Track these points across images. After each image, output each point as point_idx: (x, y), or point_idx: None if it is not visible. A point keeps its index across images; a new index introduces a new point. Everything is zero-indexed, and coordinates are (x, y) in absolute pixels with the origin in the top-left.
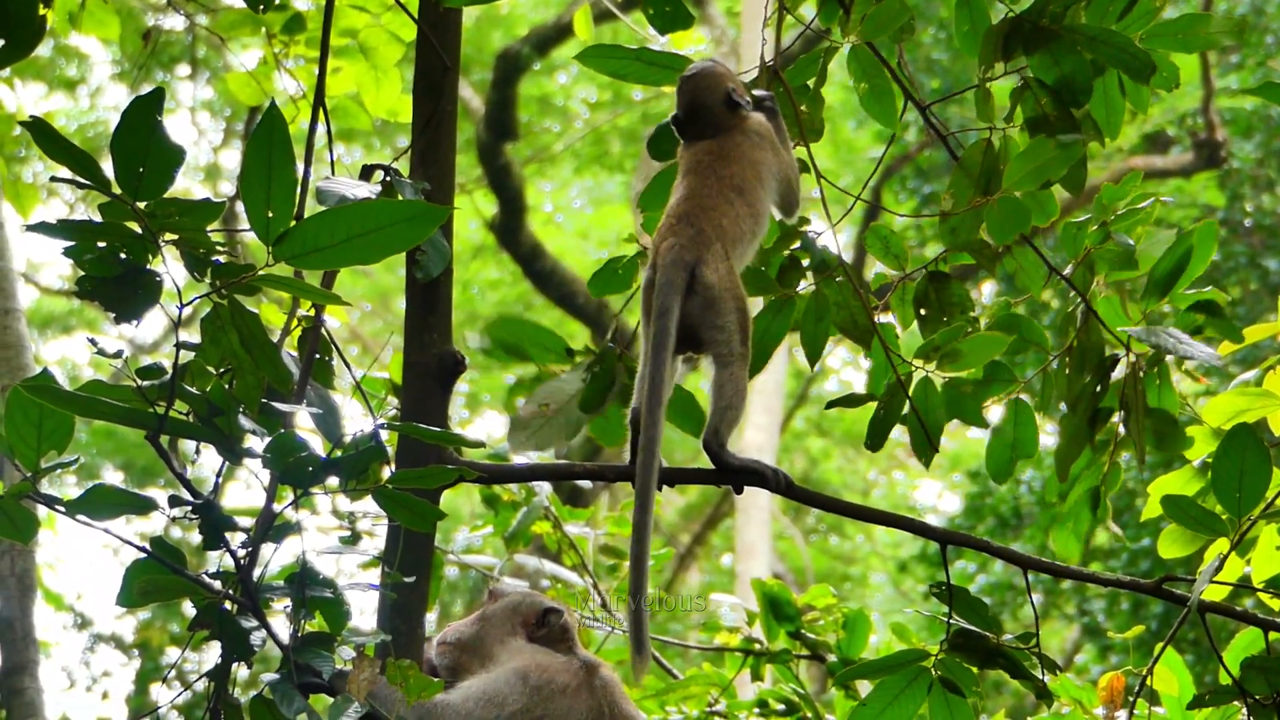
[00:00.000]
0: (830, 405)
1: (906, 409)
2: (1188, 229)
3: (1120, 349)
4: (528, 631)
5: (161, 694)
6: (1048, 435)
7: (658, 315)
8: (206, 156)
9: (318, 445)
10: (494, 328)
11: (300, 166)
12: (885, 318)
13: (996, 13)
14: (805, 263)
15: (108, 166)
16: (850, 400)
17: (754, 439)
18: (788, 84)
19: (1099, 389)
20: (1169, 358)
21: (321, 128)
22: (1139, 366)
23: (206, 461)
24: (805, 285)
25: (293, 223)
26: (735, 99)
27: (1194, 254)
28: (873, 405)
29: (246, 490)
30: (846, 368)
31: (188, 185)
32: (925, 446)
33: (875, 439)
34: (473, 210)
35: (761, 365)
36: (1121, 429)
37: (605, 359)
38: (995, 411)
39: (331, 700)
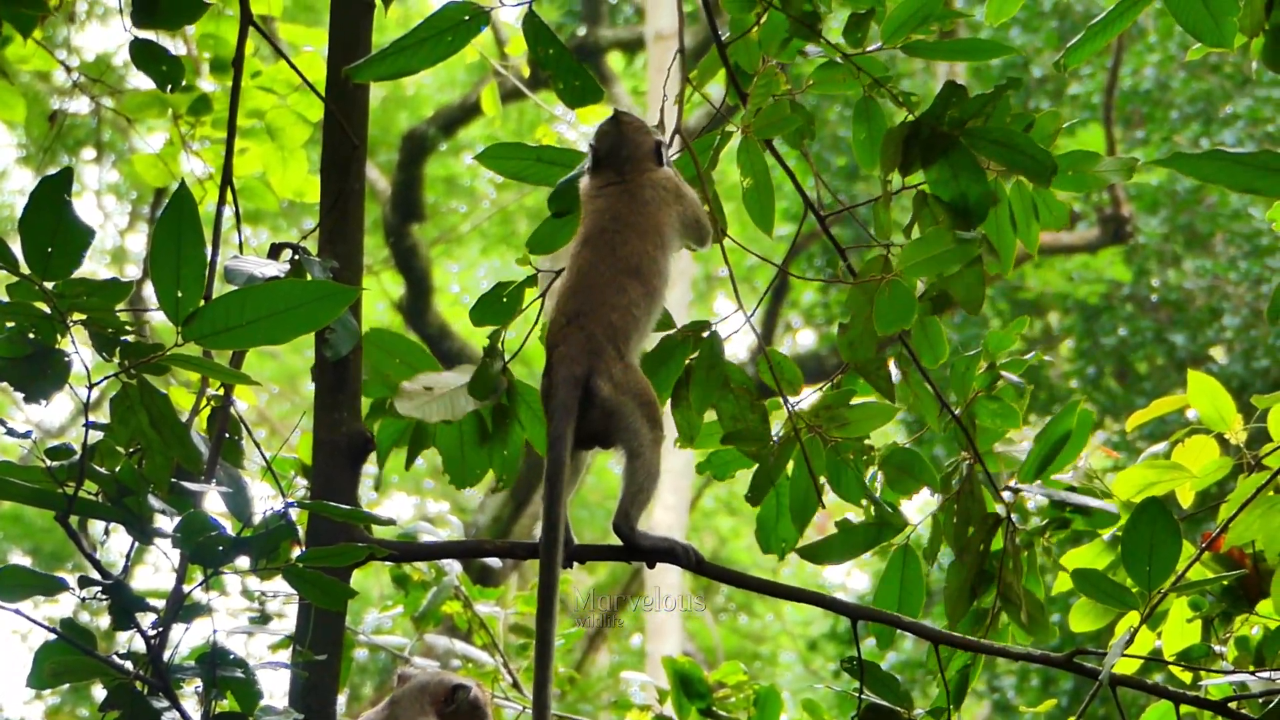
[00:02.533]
0: (725, 440)
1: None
2: (1068, 406)
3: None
4: (438, 709)
5: None
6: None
7: (551, 442)
8: (113, 240)
9: (228, 526)
10: (369, 344)
11: (209, 247)
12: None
13: (896, 116)
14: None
15: (14, 248)
16: (743, 436)
17: (663, 518)
18: (698, 161)
19: (983, 547)
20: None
21: (229, 209)
22: (1014, 544)
23: (115, 545)
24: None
25: (202, 302)
26: (660, 155)
27: (1071, 439)
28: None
29: (155, 573)
30: None
31: (94, 268)
32: (802, 511)
33: (756, 492)
34: (380, 291)
35: None
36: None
37: (489, 365)
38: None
39: None
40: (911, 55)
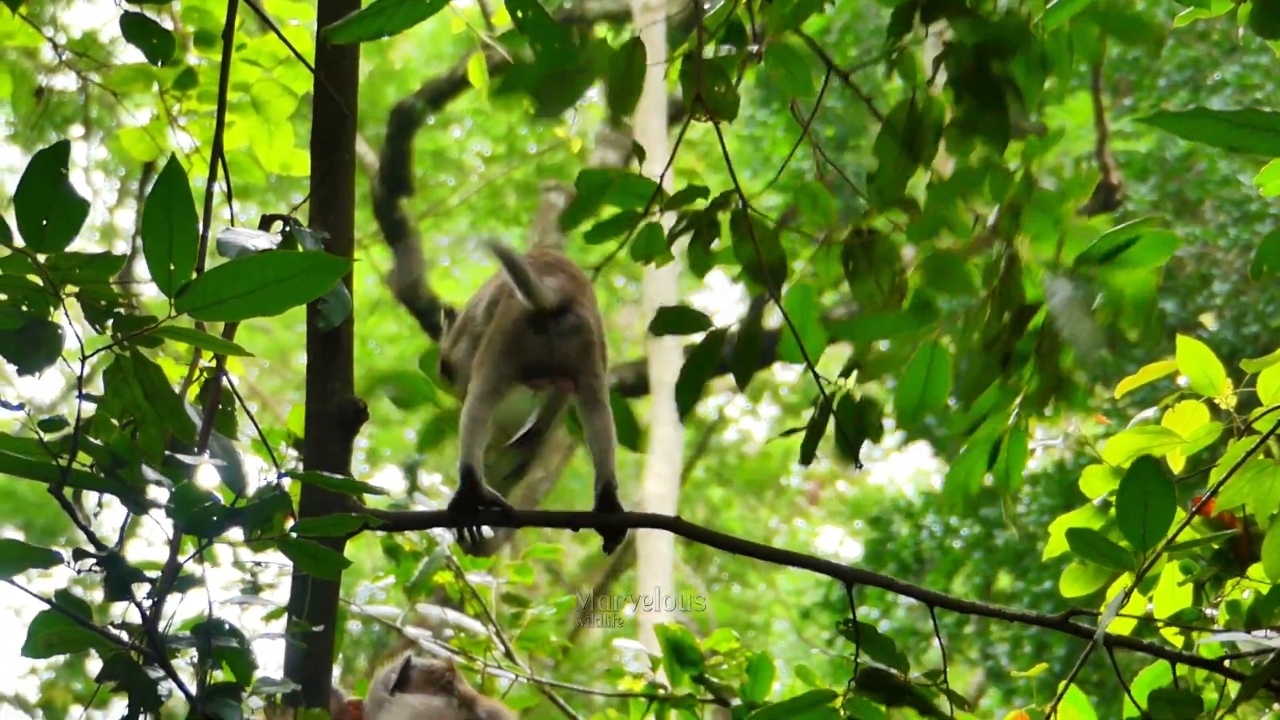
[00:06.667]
0: (786, 434)
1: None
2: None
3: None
4: (399, 689)
5: None
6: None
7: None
8: (102, 216)
9: (221, 497)
10: (392, 381)
11: (199, 221)
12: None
13: None
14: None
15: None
16: (796, 432)
17: (654, 489)
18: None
19: (1015, 330)
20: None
21: (219, 183)
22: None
23: (109, 518)
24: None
25: (195, 275)
26: None
27: (1141, 244)
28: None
29: (149, 547)
30: (746, 416)
31: (84, 244)
32: (849, 457)
33: (806, 454)
34: (369, 265)
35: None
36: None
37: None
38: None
39: None
40: None
